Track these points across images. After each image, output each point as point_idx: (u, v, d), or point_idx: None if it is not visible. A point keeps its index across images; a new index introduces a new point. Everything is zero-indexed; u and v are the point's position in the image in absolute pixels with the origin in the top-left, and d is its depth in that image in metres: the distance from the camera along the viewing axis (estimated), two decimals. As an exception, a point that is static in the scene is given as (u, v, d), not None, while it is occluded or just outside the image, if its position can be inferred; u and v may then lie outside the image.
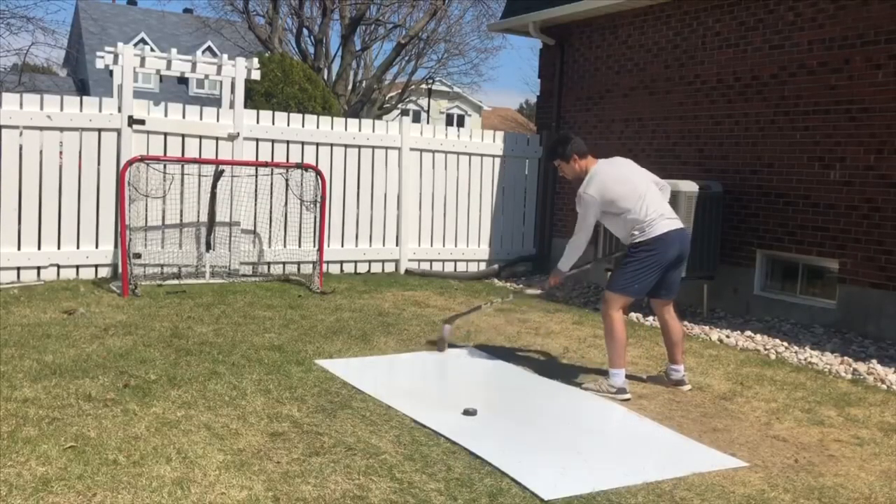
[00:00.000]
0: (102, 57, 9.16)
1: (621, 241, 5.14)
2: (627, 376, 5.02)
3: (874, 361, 5.88)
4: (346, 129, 9.20)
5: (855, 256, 6.81)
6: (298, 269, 8.77)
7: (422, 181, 9.65)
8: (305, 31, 24.96)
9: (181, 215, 8.20)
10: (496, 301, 5.17)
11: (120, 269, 7.61)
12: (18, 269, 7.60)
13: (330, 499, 3.28)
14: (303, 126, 8.91)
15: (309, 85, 14.80)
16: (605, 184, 4.98)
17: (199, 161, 8.14)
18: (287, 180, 8.53)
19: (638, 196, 4.94)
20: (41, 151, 7.66)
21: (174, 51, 8.82)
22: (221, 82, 9.19)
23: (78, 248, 7.87)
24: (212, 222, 8.13)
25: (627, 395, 4.88)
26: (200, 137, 8.32)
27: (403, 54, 27.08)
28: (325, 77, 23.54)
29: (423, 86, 32.56)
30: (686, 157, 8.34)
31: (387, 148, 9.40)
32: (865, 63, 6.75)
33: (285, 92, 14.27)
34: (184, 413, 4.17)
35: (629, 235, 4.98)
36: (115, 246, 7.92)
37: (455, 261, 9.93)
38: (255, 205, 8.64)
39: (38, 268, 7.71)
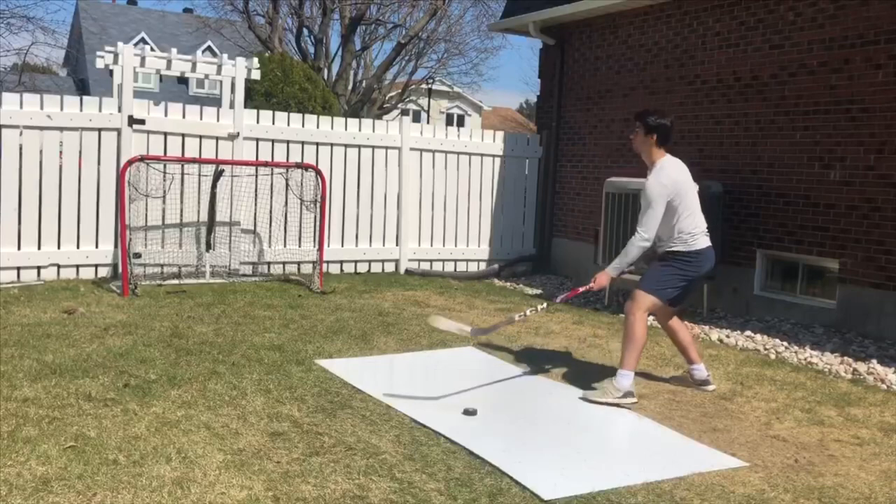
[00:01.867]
0: (102, 57, 9.18)
1: (656, 244, 4.95)
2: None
3: (874, 361, 5.88)
4: (346, 128, 9.20)
5: (855, 256, 6.81)
6: (298, 269, 8.77)
7: (422, 181, 9.65)
8: (305, 31, 24.97)
9: (181, 215, 8.19)
10: (528, 312, 5.14)
11: (120, 269, 7.62)
12: (18, 268, 7.61)
13: (330, 499, 3.28)
14: (303, 126, 8.91)
15: (309, 85, 14.81)
16: (675, 180, 4.88)
17: (199, 161, 8.14)
18: (287, 180, 8.53)
19: (692, 207, 4.91)
20: (41, 151, 7.66)
21: (174, 50, 8.83)
22: (221, 82, 9.20)
23: (78, 247, 7.87)
24: (212, 222, 8.12)
25: (634, 399, 4.76)
26: (200, 137, 8.32)
27: (403, 54, 27.08)
28: (325, 77, 23.54)
29: (423, 86, 32.55)
30: (686, 157, 8.27)
31: (387, 148, 9.40)
32: (865, 63, 6.75)
33: (285, 92, 14.28)
34: (184, 413, 4.17)
35: (669, 240, 4.89)
36: (115, 246, 7.92)
37: (455, 261, 9.93)
38: (255, 204, 8.64)
39: (38, 267, 7.71)
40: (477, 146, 9.96)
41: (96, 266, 7.98)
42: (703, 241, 4.94)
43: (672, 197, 4.83)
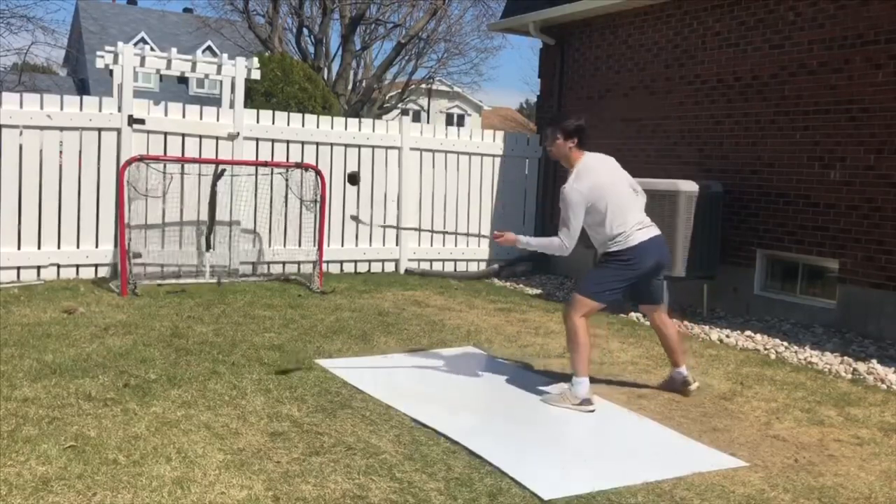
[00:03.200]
0: (102, 56, 9.16)
1: (596, 247, 4.90)
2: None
3: (874, 361, 5.88)
4: (346, 128, 9.20)
5: (855, 256, 6.81)
6: (298, 269, 8.77)
7: (422, 181, 9.64)
8: (305, 31, 24.96)
9: (181, 215, 8.19)
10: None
11: (119, 269, 7.61)
12: (18, 268, 7.61)
13: (330, 498, 3.28)
14: (303, 126, 8.91)
15: (309, 84, 14.80)
16: (595, 184, 4.69)
17: (199, 161, 8.13)
18: (287, 180, 8.53)
19: (619, 205, 4.71)
20: (41, 151, 7.66)
21: (174, 50, 8.82)
22: (221, 82, 9.19)
23: (78, 247, 7.87)
24: (212, 222, 8.12)
25: (592, 407, 4.60)
26: (200, 137, 8.31)
27: (403, 54, 27.06)
28: (325, 77, 23.54)
29: (423, 85, 32.54)
30: (686, 157, 8.34)
31: (387, 148, 9.40)
32: (865, 63, 6.75)
33: (285, 91, 14.27)
34: (184, 413, 4.17)
35: (605, 243, 4.77)
36: (115, 245, 7.91)
37: (455, 260, 9.93)
38: (255, 204, 8.64)
39: (38, 267, 7.71)
40: (477, 146, 9.96)
41: (96, 266, 7.98)
42: (638, 236, 4.71)
43: (592, 202, 4.66)
